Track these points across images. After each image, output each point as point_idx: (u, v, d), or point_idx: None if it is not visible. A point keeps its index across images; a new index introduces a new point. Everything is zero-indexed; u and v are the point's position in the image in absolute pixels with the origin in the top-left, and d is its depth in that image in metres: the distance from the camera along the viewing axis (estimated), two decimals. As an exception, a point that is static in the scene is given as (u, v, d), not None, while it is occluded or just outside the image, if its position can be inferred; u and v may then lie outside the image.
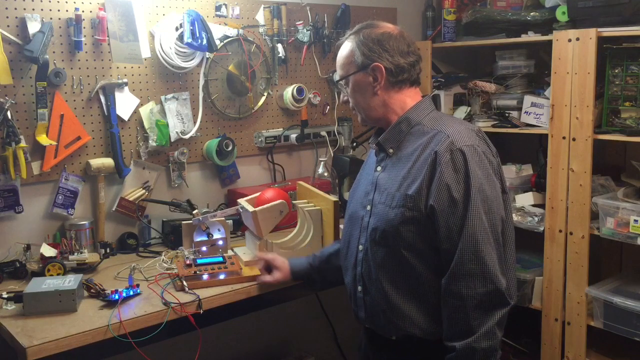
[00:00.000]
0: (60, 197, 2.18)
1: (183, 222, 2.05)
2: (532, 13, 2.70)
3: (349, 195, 1.83)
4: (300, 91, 2.73)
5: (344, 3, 2.84)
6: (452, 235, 1.48)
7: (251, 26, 2.60)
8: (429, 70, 2.99)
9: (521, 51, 2.85)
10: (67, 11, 2.13)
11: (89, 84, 2.23)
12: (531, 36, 2.67)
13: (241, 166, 2.69)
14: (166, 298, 1.78)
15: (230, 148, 2.52)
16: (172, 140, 2.43)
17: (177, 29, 2.36)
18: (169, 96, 2.42)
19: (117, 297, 1.75)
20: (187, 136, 2.47)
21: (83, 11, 2.16)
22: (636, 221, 2.23)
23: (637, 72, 2.30)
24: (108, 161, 2.25)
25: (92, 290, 1.80)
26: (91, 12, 2.19)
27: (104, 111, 2.26)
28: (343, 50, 1.67)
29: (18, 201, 2.09)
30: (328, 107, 2.94)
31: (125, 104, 2.31)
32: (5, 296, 1.73)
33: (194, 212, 2.11)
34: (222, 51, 2.52)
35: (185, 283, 1.85)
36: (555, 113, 2.46)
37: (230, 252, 2.08)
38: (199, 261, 1.95)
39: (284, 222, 2.21)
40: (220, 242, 2.05)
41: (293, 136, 2.75)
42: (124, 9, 2.24)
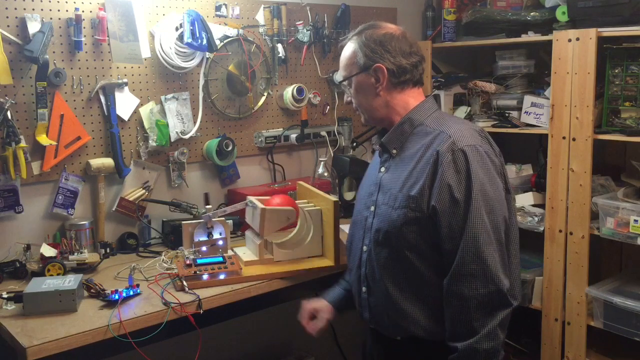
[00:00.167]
0: (60, 197, 2.18)
1: (183, 222, 2.05)
2: (532, 13, 2.69)
3: (356, 196, 1.82)
4: (300, 91, 2.72)
5: (344, 3, 2.84)
6: (454, 235, 1.48)
7: (251, 26, 2.60)
8: (429, 70, 2.98)
9: (521, 51, 2.84)
10: (67, 11, 2.13)
11: (89, 84, 2.22)
12: (531, 36, 2.67)
13: (241, 166, 2.69)
14: (166, 298, 1.78)
15: (230, 148, 2.52)
16: (172, 140, 2.43)
17: (177, 29, 2.36)
18: (169, 96, 2.41)
19: (117, 297, 1.75)
20: (187, 136, 2.46)
21: (83, 11, 2.15)
22: (636, 221, 2.23)
23: (637, 72, 2.30)
24: (108, 161, 2.25)
25: (92, 290, 1.80)
26: (91, 12, 2.19)
27: (104, 111, 2.26)
28: (346, 51, 1.67)
29: (18, 201, 2.09)
30: (328, 107, 2.94)
31: (125, 104, 2.31)
32: (5, 296, 1.73)
33: (207, 207, 2.13)
34: (222, 51, 2.51)
35: (185, 283, 1.85)
36: (555, 113, 2.46)
37: (230, 252, 2.07)
38: (199, 261, 1.95)
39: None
40: (220, 242, 2.04)
41: (293, 136, 2.75)
42: (124, 9, 2.24)
